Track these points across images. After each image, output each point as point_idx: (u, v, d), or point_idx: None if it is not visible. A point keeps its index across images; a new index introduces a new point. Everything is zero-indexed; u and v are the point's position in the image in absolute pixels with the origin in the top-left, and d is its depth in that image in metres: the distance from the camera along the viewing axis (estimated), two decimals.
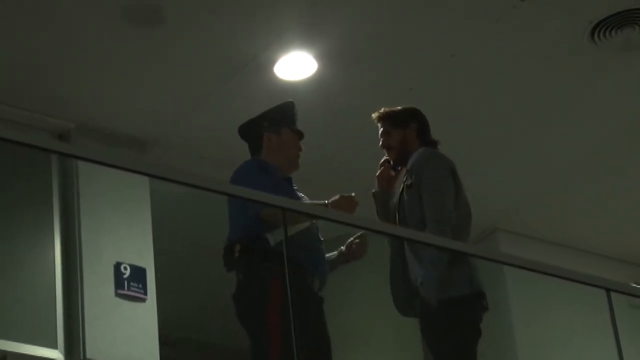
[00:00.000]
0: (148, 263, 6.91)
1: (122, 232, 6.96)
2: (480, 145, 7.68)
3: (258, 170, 5.39)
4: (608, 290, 6.06)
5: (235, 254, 5.23)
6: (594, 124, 7.61)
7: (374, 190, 5.83)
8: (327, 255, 5.54)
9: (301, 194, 5.55)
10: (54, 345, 6.45)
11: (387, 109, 5.93)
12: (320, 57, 6.95)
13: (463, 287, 5.74)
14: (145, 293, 6.81)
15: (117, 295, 6.75)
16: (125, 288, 6.76)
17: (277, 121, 5.56)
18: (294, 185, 5.56)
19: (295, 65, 7.00)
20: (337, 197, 5.46)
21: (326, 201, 5.46)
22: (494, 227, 8.34)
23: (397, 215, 5.68)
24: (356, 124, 7.33)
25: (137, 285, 6.80)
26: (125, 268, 6.80)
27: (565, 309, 7.57)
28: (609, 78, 7.24)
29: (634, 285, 7.19)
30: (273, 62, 6.94)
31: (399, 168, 5.78)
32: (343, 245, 5.58)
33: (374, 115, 5.90)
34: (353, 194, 5.51)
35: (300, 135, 5.58)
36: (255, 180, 5.25)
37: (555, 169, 7.96)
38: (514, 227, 8.33)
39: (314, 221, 5.38)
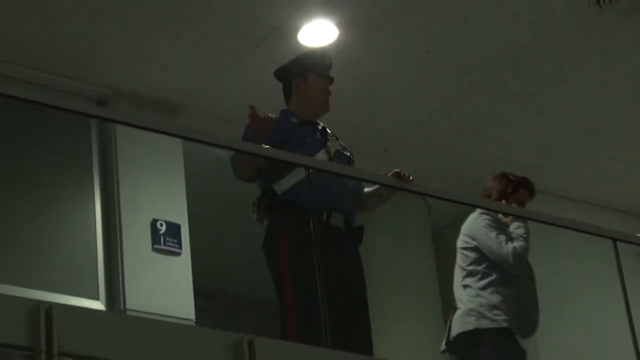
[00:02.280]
0: (182, 219, 6.93)
1: (157, 191, 6.98)
2: (495, 104, 7.64)
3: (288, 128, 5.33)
4: (615, 240, 6.05)
5: (256, 209, 5.25)
6: (601, 84, 7.57)
7: None
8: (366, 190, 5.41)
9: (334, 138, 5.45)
10: (96, 297, 6.50)
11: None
12: (341, 25, 6.92)
13: None
14: (180, 247, 6.84)
15: (154, 250, 6.78)
16: (162, 243, 6.79)
17: (304, 68, 5.45)
18: (320, 128, 5.42)
19: (318, 33, 6.97)
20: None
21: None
22: None
23: None
24: (375, 87, 7.37)
25: (172, 240, 6.83)
26: (161, 224, 6.83)
27: (575, 260, 7.58)
28: (615, 40, 7.20)
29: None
30: (296, 30, 6.93)
31: None
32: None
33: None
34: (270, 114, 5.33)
35: (329, 80, 5.46)
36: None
37: (564, 126, 7.92)
38: None
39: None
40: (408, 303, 7.71)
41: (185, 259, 6.84)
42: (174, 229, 6.85)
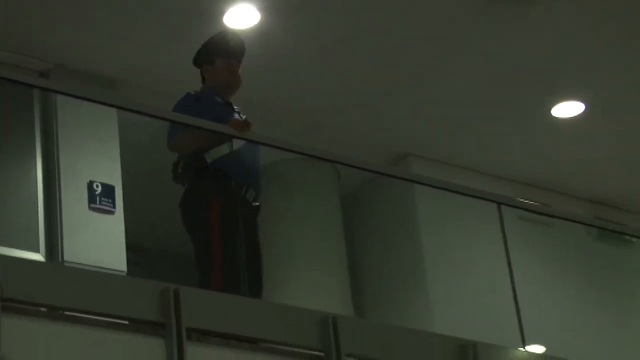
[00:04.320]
0: (117, 182, 6.96)
1: (94, 156, 6.99)
2: (396, 80, 7.64)
3: (188, 101, 5.48)
4: (499, 204, 6.23)
5: (179, 171, 5.39)
6: (491, 65, 7.59)
7: None
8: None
9: (243, 116, 5.55)
10: (37, 250, 6.52)
11: None
12: (263, 9, 6.92)
13: None
14: (114, 207, 6.86)
15: (90, 208, 6.80)
16: (97, 203, 6.81)
17: (210, 54, 5.58)
18: (235, 108, 5.56)
19: (241, 16, 6.96)
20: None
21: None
22: (407, 153, 8.34)
23: None
24: (295, 66, 7.39)
25: (107, 200, 6.84)
26: (97, 186, 6.84)
27: (465, 222, 7.70)
28: (504, 26, 7.21)
29: (521, 200, 7.35)
30: (222, 13, 6.90)
31: None
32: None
33: None
34: (245, 117, 5.50)
35: (235, 59, 5.52)
36: (188, 109, 5.35)
37: (456, 103, 7.94)
38: (423, 153, 8.33)
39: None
40: (317, 256, 7.82)
41: (118, 217, 6.87)
42: (108, 190, 6.87)
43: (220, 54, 5.56)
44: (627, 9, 7.14)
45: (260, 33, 7.09)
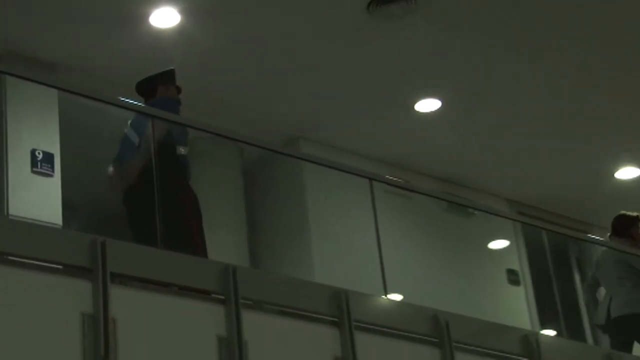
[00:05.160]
0: (55, 150, 6.88)
1: (37, 128, 6.89)
2: (292, 75, 7.63)
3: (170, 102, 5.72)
4: (370, 180, 6.30)
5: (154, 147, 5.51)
6: (368, 66, 7.60)
7: None
8: None
9: None
10: None
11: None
12: (182, 11, 6.86)
13: None
14: (53, 171, 6.78)
15: (32, 172, 6.72)
16: (39, 167, 6.73)
17: (166, 80, 5.87)
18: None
19: (163, 18, 6.90)
20: None
21: None
22: (298, 136, 8.35)
23: None
24: (211, 61, 7.34)
25: (47, 165, 6.76)
26: (38, 153, 6.76)
27: (343, 193, 7.75)
28: (379, 35, 7.24)
29: (388, 177, 7.44)
30: (147, 15, 6.84)
31: None
32: None
33: None
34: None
35: (179, 89, 5.91)
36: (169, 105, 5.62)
37: (339, 96, 7.97)
38: (311, 136, 8.34)
39: None
40: (221, 218, 7.80)
41: (56, 179, 6.79)
42: (48, 157, 6.78)
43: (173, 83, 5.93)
44: (476, 25, 7.27)
45: (180, 32, 7.05)
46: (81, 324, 4.41)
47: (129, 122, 5.68)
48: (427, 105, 8.14)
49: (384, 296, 5.86)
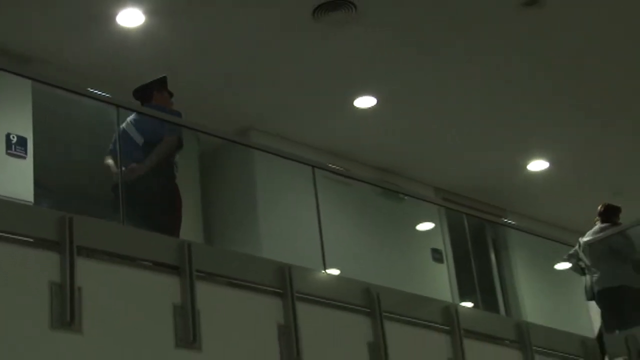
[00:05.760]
0: (29, 134, 6.72)
1: (12, 115, 6.74)
2: (245, 71, 7.57)
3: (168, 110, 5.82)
4: (313, 167, 6.30)
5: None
6: (314, 65, 7.56)
7: None
8: None
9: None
10: None
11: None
12: (147, 12, 6.77)
13: None
14: (26, 154, 6.65)
15: (7, 154, 6.59)
16: (13, 150, 6.61)
17: (160, 86, 5.93)
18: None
19: (129, 18, 6.79)
20: None
21: None
22: (249, 127, 8.29)
23: None
24: (174, 58, 7.23)
25: (20, 148, 6.63)
26: (13, 137, 6.63)
27: (289, 178, 7.71)
28: (323, 37, 7.21)
29: (330, 165, 7.44)
30: (114, 15, 6.74)
31: None
32: None
33: None
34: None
35: (171, 94, 6.01)
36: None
37: (288, 92, 7.91)
38: (261, 127, 8.30)
39: None
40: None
41: (29, 161, 6.65)
42: (22, 141, 6.65)
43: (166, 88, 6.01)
44: (409, 32, 7.30)
45: (144, 32, 6.97)
46: (49, 292, 4.37)
47: (129, 120, 5.65)
48: (365, 102, 8.15)
49: (323, 271, 5.88)
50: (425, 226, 8.58)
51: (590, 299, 7.07)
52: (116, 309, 4.62)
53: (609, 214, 7.22)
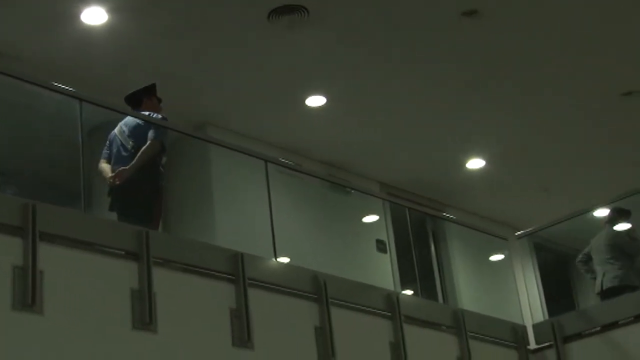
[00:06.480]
0: None
1: None
2: (200, 66, 7.49)
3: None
4: (266, 161, 6.34)
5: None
6: (268, 65, 7.52)
7: None
8: None
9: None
10: None
11: None
12: (110, 10, 6.70)
13: None
14: None
15: None
16: None
17: (150, 93, 6.08)
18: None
19: (93, 16, 6.72)
20: None
21: None
22: (205, 122, 8.22)
23: None
24: (134, 54, 7.17)
25: None
26: None
27: (244, 172, 7.70)
28: (278, 38, 7.18)
29: (282, 159, 7.46)
30: (79, 13, 6.67)
31: None
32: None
33: None
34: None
35: (159, 100, 6.17)
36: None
37: (244, 89, 7.83)
38: (218, 123, 8.23)
39: None
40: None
41: None
42: None
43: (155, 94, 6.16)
44: (358, 35, 7.33)
45: (108, 29, 6.91)
46: (12, 275, 4.34)
47: (122, 124, 5.71)
48: (315, 101, 8.17)
49: (274, 259, 5.92)
50: (370, 218, 8.67)
51: (597, 292, 7.52)
52: (76, 292, 4.61)
53: (618, 216, 7.56)
